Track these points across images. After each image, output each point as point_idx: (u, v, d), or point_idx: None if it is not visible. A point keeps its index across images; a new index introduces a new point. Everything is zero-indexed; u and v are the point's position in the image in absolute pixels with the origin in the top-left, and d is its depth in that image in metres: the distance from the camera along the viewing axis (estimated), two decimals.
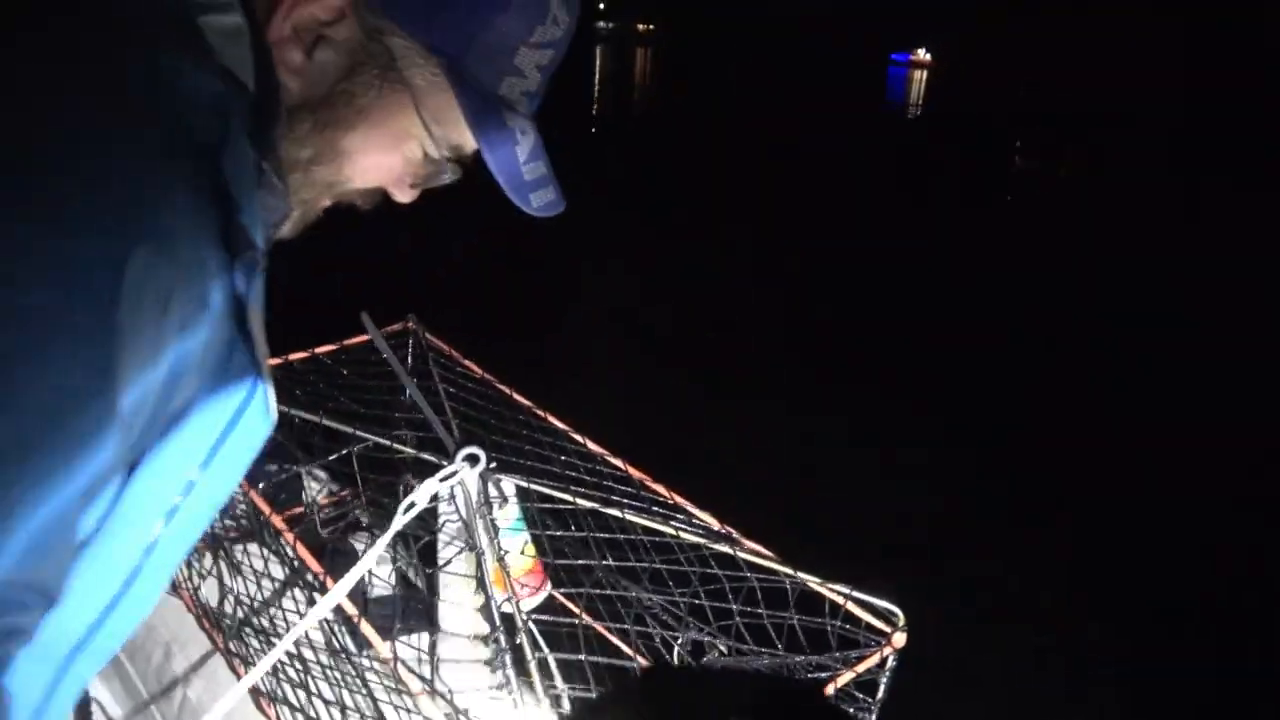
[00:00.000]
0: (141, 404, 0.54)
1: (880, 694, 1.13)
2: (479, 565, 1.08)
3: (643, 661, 1.20)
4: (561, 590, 1.32)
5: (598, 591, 1.19)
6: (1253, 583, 4.36)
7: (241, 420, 0.66)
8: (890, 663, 1.11)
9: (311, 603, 1.25)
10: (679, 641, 1.21)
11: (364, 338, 1.67)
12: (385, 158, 0.81)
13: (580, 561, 1.26)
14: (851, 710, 1.15)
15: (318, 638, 1.17)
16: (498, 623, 0.98)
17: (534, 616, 1.30)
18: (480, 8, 0.75)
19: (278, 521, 1.17)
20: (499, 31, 0.75)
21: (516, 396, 1.56)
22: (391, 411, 1.51)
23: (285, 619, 1.24)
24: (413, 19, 0.74)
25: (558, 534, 1.28)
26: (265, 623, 1.24)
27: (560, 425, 1.51)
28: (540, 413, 1.53)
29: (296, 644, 1.11)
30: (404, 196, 0.87)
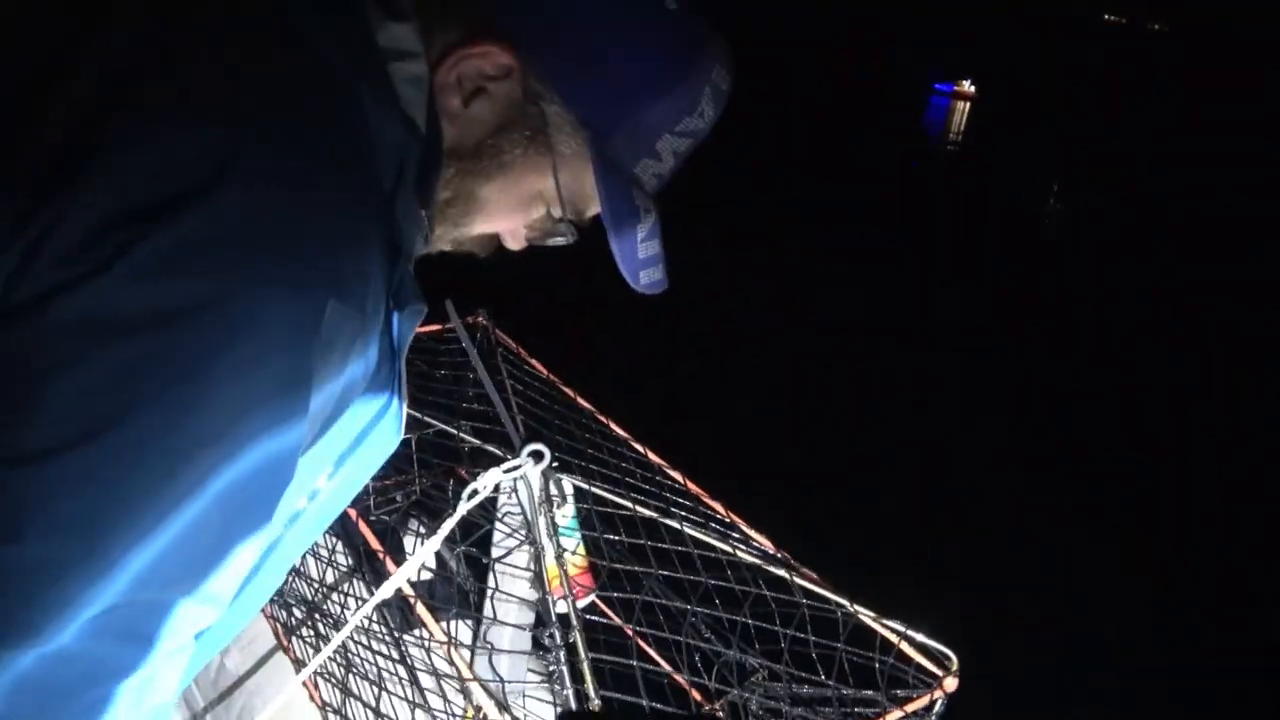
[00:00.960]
0: (319, 414, 0.59)
1: None
2: (538, 560, 1.08)
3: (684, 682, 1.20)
4: (604, 595, 1.31)
5: (644, 598, 1.17)
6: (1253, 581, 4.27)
7: (372, 433, 0.69)
8: (939, 707, 1.09)
9: (365, 581, 1.26)
10: (721, 660, 1.20)
11: (433, 327, 1.70)
12: (512, 212, 0.84)
13: (632, 568, 1.25)
14: None
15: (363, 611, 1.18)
16: (553, 618, 0.98)
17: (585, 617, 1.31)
18: (640, 95, 0.78)
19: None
20: (650, 117, 0.78)
21: (580, 400, 1.56)
22: (455, 402, 1.52)
23: (340, 601, 1.25)
24: (573, 92, 0.77)
25: (613, 538, 1.27)
26: (319, 602, 1.26)
27: (621, 433, 1.51)
28: (602, 418, 1.54)
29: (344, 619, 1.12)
30: (515, 245, 0.90)
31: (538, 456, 1.19)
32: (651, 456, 1.45)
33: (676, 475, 1.40)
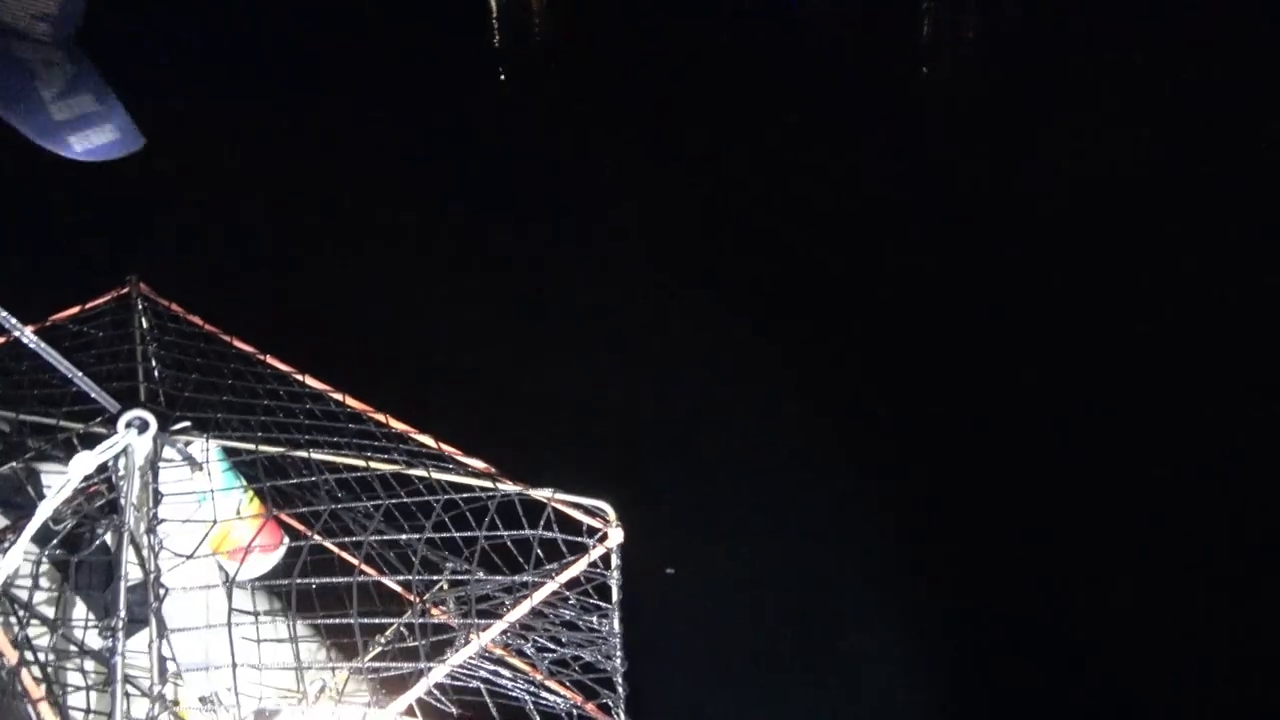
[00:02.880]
0: None
1: (614, 596, 1.07)
2: (126, 549, 0.95)
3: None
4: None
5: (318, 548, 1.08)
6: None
7: None
8: (614, 560, 1.04)
9: None
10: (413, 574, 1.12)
11: (71, 311, 1.52)
12: None
13: (302, 510, 1.16)
14: (594, 618, 1.09)
15: None
16: (120, 619, 0.85)
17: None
18: None
19: None
20: None
21: (242, 345, 1.42)
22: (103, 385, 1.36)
23: None
24: None
25: (282, 484, 1.17)
26: None
27: (320, 386, 1.35)
28: (268, 359, 1.39)
29: None
30: None
31: (141, 426, 1.06)
32: (352, 403, 1.31)
33: (380, 417, 1.26)
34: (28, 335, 1.08)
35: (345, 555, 1.25)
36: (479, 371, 4.37)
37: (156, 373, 1.34)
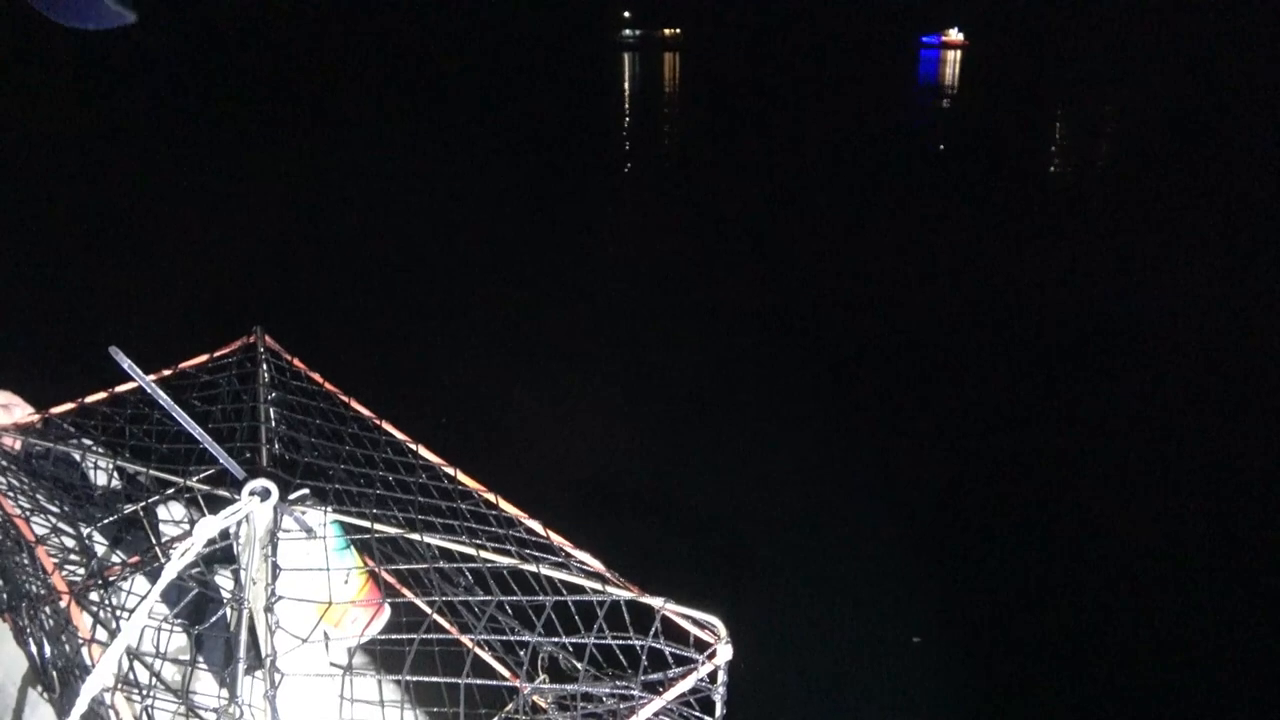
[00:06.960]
0: None
1: (718, 710, 1.03)
2: (245, 627, 0.96)
3: None
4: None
5: (410, 638, 1.08)
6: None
7: None
8: (721, 676, 1.00)
9: None
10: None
11: (200, 358, 1.57)
12: None
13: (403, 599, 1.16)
14: None
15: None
16: (238, 694, 0.87)
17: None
18: None
19: (58, 582, 1.07)
20: None
21: (362, 409, 1.44)
22: (225, 441, 1.39)
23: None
24: None
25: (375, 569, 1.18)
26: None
27: (433, 459, 1.35)
28: (386, 425, 1.41)
29: None
30: None
31: (263, 495, 1.08)
32: (464, 479, 1.31)
33: (490, 496, 1.26)
34: (164, 398, 1.11)
35: (451, 627, 1.25)
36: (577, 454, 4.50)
37: (278, 434, 1.37)
